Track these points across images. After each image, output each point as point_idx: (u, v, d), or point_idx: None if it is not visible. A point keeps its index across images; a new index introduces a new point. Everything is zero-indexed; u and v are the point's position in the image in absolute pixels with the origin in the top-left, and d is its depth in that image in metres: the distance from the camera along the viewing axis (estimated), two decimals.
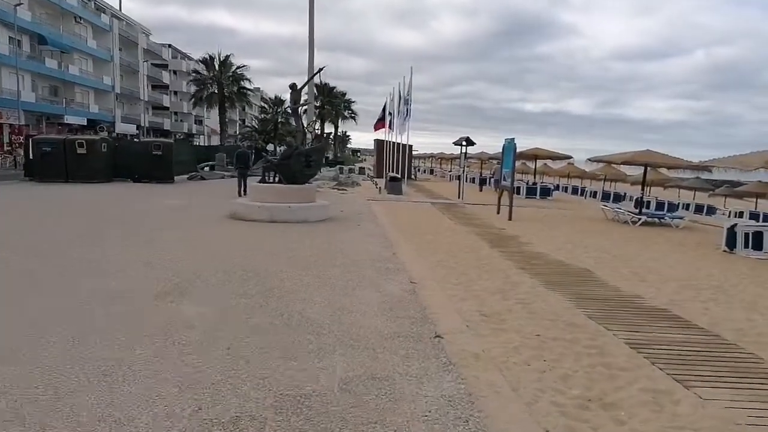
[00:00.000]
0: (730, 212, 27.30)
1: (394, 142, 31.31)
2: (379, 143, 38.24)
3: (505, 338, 5.24)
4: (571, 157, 25.64)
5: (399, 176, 25.43)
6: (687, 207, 30.10)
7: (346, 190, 24.98)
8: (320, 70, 16.22)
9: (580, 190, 34.83)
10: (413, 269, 8.15)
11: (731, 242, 11.46)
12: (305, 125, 14.60)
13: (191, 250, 8.67)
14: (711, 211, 30.12)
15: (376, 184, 27.57)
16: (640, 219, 16.06)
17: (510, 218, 16.08)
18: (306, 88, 19.60)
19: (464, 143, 23.61)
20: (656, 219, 16.56)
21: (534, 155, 25.97)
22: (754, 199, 28.30)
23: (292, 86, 13.60)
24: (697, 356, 5.04)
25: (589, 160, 17.98)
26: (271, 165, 13.23)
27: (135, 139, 42.54)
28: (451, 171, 49.29)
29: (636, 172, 31.88)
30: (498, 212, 17.52)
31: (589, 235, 13.55)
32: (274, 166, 13.19)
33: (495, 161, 37.29)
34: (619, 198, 31.17)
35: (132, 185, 21.71)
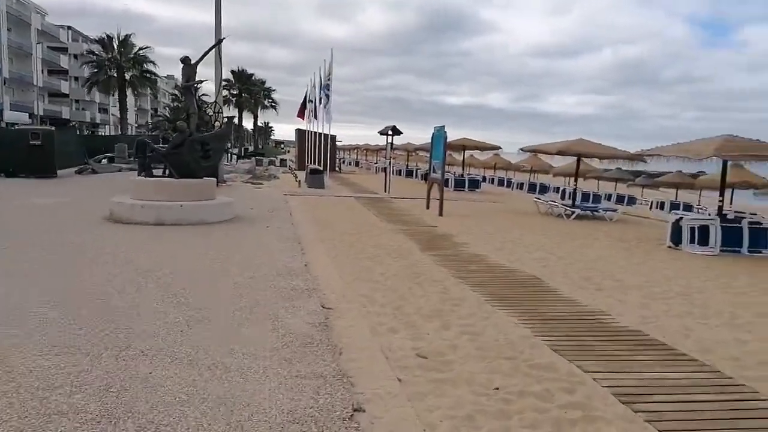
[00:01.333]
0: (651, 203, 27.73)
1: (316, 133, 29.37)
2: (300, 133, 36.07)
3: (454, 398, 3.66)
4: (499, 148, 24.85)
5: (321, 168, 23.55)
6: (609, 197, 30.34)
7: (261, 183, 22.76)
8: (220, 41, 13.96)
9: (506, 182, 34.48)
10: (329, 286, 6.42)
11: (676, 237, 10.66)
12: (200, 106, 12.35)
13: (26, 273, 6.45)
14: (631, 201, 30.58)
15: (296, 177, 25.52)
16: (573, 212, 15.25)
17: (441, 213, 14.74)
18: (218, 64, 17.25)
19: (390, 132, 22.10)
20: (589, 212, 15.84)
21: (462, 146, 24.92)
22: (674, 190, 28.97)
23: (184, 60, 11.34)
24: (709, 411, 3.69)
25: (522, 150, 17.02)
26: (157, 155, 10.90)
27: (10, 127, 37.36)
28: (376, 163, 47.83)
29: (560, 163, 31.89)
30: (428, 207, 16.14)
31: (527, 231, 12.42)
32: (162, 156, 10.89)
33: (423, 152, 36.23)
34: (544, 189, 30.98)
35: (3, 180, 18.39)
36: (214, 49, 13.91)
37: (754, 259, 10.03)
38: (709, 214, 18.41)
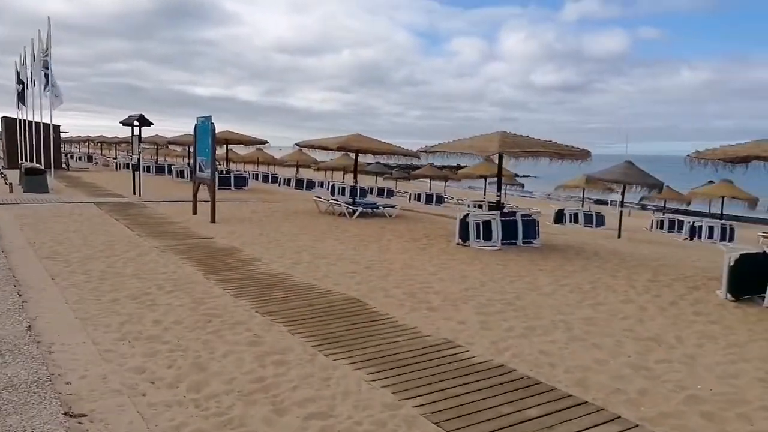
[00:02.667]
0: (410, 194, 29.55)
1: (32, 122, 23.26)
2: (8, 123, 28.51)
3: None
4: (266, 142, 23.17)
5: (42, 167, 18.55)
6: (371, 191, 31.45)
7: None
8: None
9: (271, 178, 32.92)
10: (75, 365, 4.10)
11: (464, 234, 10.72)
12: None
13: None
14: (390, 193, 32.25)
15: (6, 179, 19.69)
16: (355, 211, 14.66)
17: (213, 220, 12.55)
18: None
19: (137, 123, 18.47)
20: (369, 209, 15.47)
21: (225, 139, 22.51)
22: (428, 180, 31.40)
23: None
24: None
25: (297, 145, 15.76)
26: None
27: None
28: (116, 158, 41.13)
29: (325, 158, 31.80)
30: (195, 212, 13.69)
31: (318, 236, 11.21)
32: None
33: (176, 146, 32.18)
34: (311, 185, 30.52)
35: None
36: None
37: (531, 250, 10.64)
38: (469, 204, 19.99)
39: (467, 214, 10.80)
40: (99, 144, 50.02)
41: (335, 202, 15.32)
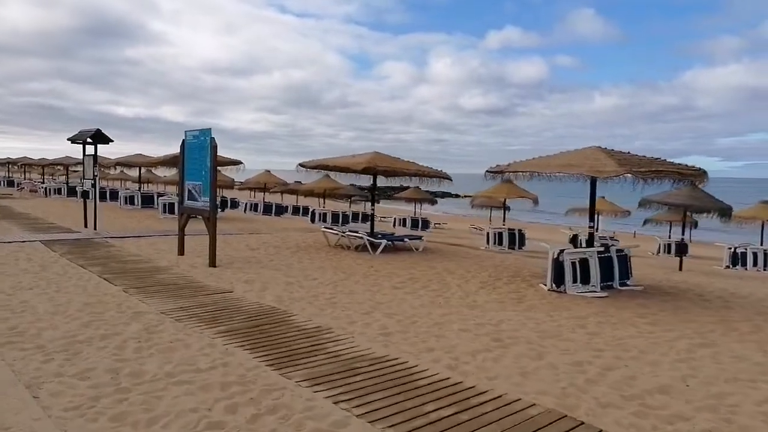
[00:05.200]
0: (394, 219, 27.19)
1: None
2: None
3: None
4: (240, 163, 20.16)
5: None
6: (348, 217, 28.86)
7: None
8: None
9: (231, 203, 29.51)
10: None
11: (559, 276, 8.49)
12: None
13: None
14: (365, 218, 29.77)
15: None
16: (380, 244, 12.12)
17: (213, 263, 9.66)
18: None
19: (90, 140, 15.01)
20: (392, 242, 12.94)
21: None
22: (412, 205, 29.19)
23: None
24: None
25: (301, 165, 13.02)
26: None
27: None
28: (44, 183, 36.12)
29: (289, 179, 28.99)
30: (181, 252, 10.71)
31: (365, 283, 8.61)
32: None
33: (116, 168, 28.21)
34: (281, 210, 27.55)
35: None
36: None
37: (641, 296, 8.56)
38: (488, 234, 17.82)
39: (562, 252, 8.58)
40: (22, 167, 44.37)
41: (353, 234, 12.70)
